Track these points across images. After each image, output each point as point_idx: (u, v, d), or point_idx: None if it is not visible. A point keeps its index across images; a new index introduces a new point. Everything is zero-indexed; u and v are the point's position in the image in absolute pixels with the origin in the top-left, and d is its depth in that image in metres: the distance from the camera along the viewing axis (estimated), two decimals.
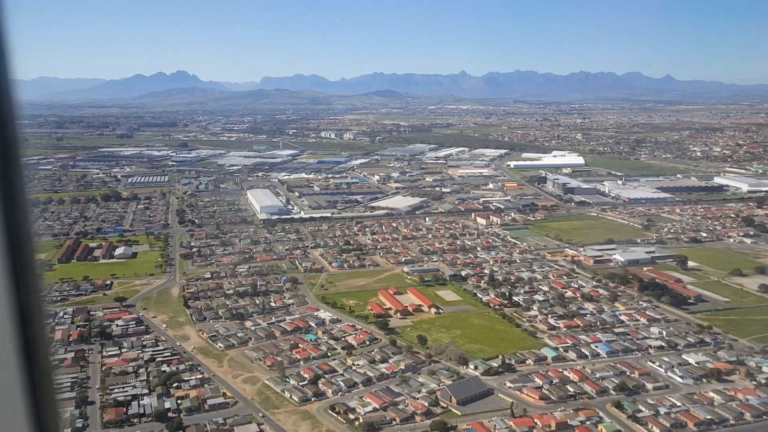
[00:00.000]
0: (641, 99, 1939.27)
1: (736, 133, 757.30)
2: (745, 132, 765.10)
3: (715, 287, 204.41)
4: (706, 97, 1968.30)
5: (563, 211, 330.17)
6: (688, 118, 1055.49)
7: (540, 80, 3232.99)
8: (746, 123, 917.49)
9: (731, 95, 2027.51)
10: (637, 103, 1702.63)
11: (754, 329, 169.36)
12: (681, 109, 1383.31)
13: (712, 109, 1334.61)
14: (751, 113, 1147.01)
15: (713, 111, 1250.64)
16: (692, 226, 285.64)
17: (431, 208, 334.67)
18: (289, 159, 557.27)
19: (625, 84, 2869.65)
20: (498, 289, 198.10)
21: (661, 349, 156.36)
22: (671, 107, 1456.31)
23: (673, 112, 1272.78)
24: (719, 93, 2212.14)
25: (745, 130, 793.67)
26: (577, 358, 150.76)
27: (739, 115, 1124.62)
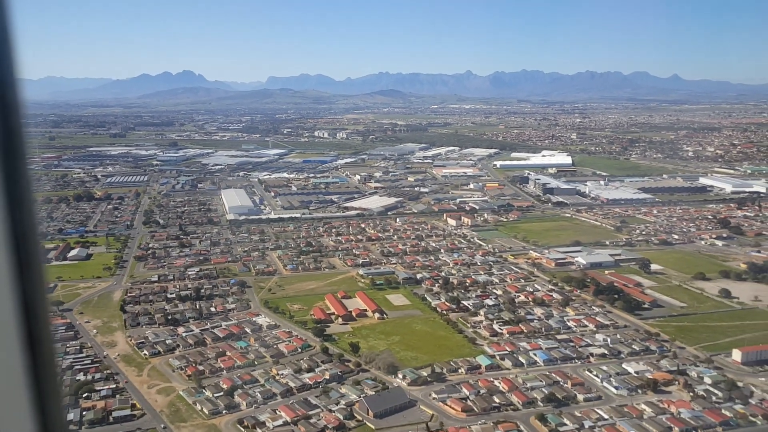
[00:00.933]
0: (647, 98, 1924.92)
1: (733, 132, 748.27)
2: (743, 132, 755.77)
3: (674, 292, 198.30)
4: (712, 96, 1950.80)
5: (538, 212, 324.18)
6: (688, 118, 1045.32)
7: (546, 80, 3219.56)
8: (747, 122, 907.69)
9: (738, 95, 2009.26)
10: (641, 102, 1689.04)
11: (704, 336, 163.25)
12: (685, 108, 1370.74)
13: (716, 108, 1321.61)
14: (755, 113, 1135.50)
15: (716, 110, 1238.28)
16: (666, 228, 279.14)
17: (405, 209, 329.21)
18: (275, 158, 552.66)
19: (632, 83, 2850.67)
20: (449, 293, 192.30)
21: (602, 357, 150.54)
22: (675, 107, 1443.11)
23: (675, 111, 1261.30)
24: (726, 93, 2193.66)
25: (744, 129, 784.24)
26: (513, 366, 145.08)
27: (742, 114, 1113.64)
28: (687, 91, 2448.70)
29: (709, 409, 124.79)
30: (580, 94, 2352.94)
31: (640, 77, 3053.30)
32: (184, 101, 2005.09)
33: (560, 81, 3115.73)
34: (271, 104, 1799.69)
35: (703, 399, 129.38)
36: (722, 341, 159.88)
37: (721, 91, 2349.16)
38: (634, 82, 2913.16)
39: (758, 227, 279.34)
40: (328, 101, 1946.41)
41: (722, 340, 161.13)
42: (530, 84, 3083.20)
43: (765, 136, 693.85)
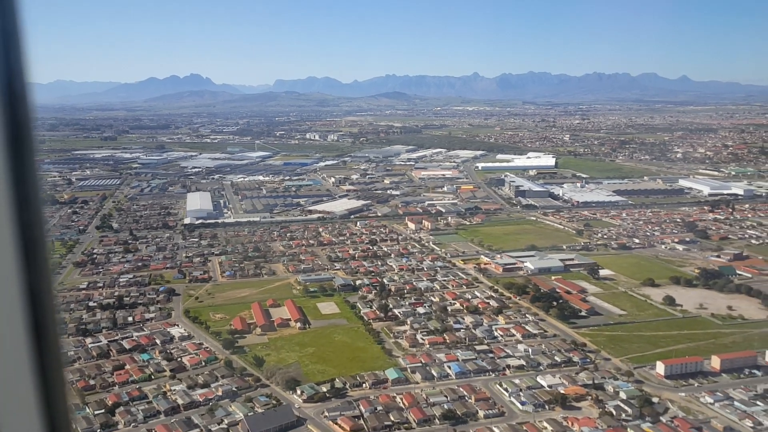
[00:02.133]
0: (654, 100, 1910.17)
1: (729, 133, 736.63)
2: (740, 133, 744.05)
3: (618, 298, 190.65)
4: (720, 97, 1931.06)
5: (505, 215, 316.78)
6: (689, 119, 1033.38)
7: (553, 81, 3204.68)
8: (747, 123, 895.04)
9: (746, 96, 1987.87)
10: (648, 104, 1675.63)
11: (634, 347, 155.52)
12: (689, 110, 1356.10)
13: (721, 109, 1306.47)
14: (758, 114, 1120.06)
15: (721, 112, 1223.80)
16: (629, 232, 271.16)
17: (370, 212, 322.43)
18: (258, 160, 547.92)
19: (640, 85, 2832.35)
20: (383, 301, 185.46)
21: (520, 369, 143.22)
22: (680, 108, 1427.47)
23: (679, 113, 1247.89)
24: (735, 94, 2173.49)
25: (741, 130, 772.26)
26: (423, 379, 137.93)
27: (746, 115, 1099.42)
28: (695, 92, 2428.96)
29: (613, 428, 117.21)
30: (587, 96, 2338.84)
31: (648, 78, 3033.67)
32: (189, 104, 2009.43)
33: (568, 82, 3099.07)
34: (275, 107, 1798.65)
35: (610, 416, 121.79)
36: (652, 352, 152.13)
37: (730, 92, 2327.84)
38: (642, 83, 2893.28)
39: (725, 231, 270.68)
40: (332, 104, 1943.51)
41: (652, 351, 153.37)
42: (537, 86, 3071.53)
43: (761, 137, 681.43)
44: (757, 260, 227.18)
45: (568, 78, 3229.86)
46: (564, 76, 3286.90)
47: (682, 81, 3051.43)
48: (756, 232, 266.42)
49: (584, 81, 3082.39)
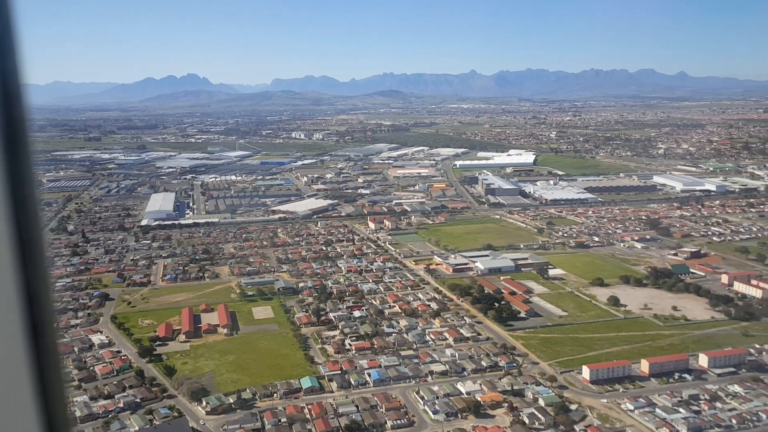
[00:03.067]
0: (651, 96, 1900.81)
1: (717, 129, 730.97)
2: (729, 128, 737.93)
3: (562, 299, 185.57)
4: (717, 93, 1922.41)
5: (470, 214, 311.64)
6: (680, 115, 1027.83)
7: (551, 78, 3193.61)
8: (737, 118, 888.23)
9: (744, 91, 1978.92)
10: (644, 100, 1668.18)
11: (567, 350, 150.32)
12: (684, 105, 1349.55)
13: (716, 105, 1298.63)
14: (752, 109, 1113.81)
15: (715, 107, 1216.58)
16: (591, 230, 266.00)
17: (335, 212, 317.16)
18: (236, 160, 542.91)
19: (637, 81, 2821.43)
20: (320, 305, 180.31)
21: (443, 375, 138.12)
22: (674, 104, 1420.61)
23: (672, 108, 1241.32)
24: (732, 89, 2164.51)
25: (729, 126, 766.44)
26: (339, 388, 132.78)
27: (739, 110, 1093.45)
28: (693, 88, 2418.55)
29: None
30: (584, 93, 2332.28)
31: (646, 75, 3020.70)
32: (184, 104, 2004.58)
33: (565, 79, 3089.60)
34: (270, 106, 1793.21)
35: (522, 425, 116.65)
36: (584, 355, 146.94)
37: (728, 87, 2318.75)
38: (639, 79, 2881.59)
39: (689, 228, 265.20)
40: (327, 102, 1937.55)
41: (585, 354, 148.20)
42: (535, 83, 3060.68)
43: (748, 132, 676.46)
44: (714, 258, 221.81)
45: (566, 75, 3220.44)
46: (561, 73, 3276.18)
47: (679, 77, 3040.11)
48: (720, 229, 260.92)
49: (582, 78, 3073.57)
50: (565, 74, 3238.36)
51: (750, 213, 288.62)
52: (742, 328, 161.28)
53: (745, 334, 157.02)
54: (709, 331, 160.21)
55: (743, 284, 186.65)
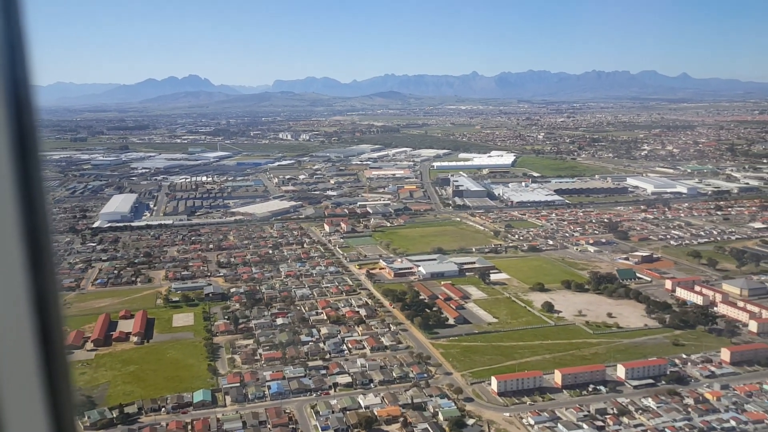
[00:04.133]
0: (652, 97, 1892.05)
1: (708, 130, 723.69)
2: (720, 129, 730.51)
3: (497, 305, 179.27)
4: (718, 95, 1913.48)
5: (432, 216, 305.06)
6: (675, 116, 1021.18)
7: (553, 80, 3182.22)
8: (731, 120, 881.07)
9: (745, 93, 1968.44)
10: (645, 101, 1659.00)
11: (486, 359, 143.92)
12: (682, 107, 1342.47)
13: (715, 106, 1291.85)
14: (750, 110, 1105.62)
15: (712, 109, 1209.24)
16: (548, 233, 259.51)
17: (296, 214, 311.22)
18: (213, 161, 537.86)
19: (639, 82, 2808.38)
20: (246, 311, 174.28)
21: (348, 387, 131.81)
22: (673, 105, 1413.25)
23: (670, 110, 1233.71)
24: (735, 90, 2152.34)
25: (720, 127, 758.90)
26: (233, 401, 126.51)
27: (737, 111, 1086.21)
28: (695, 89, 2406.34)
29: None
30: (586, 94, 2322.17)
31: (648, 76, 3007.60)
32: (183, 105, 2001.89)
33: (567, 81, 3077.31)
34: (268, 107, 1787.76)
35: None
36: (502, 365, 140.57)
37: (730, 89, 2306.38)
38: (641, 81, 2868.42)
39: (649, 231, 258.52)
40: (326, 104, 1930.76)
41: (504, 363, 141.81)
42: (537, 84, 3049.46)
43: (737, 134, 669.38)
44: (666, 262, 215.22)
45: (568, 76, 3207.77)
46: (563, 75, 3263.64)
47: (682, 78, 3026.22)
48: (679, 232, 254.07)
49: (583, 79, 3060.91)
50: (567, 75, 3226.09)
51: (715, 216, 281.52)
52: (673, 336, 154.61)
53: (675, 343, 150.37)
54: (639, 340, 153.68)
55: (685, 290, 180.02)
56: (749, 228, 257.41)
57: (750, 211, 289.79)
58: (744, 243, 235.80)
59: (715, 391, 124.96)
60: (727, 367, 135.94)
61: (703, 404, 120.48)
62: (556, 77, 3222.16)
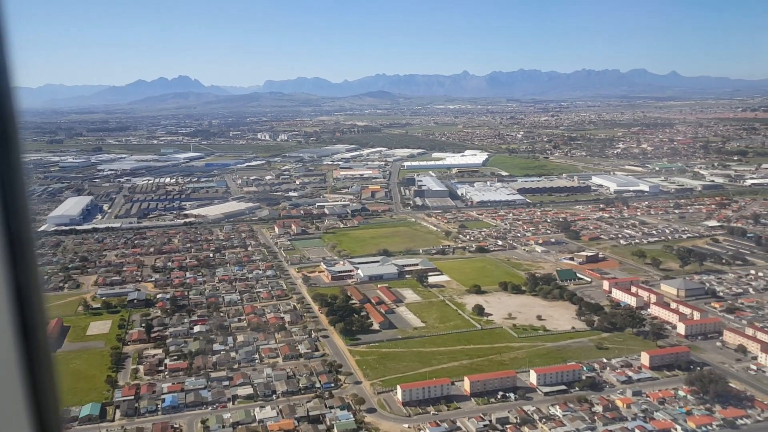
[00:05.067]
0: (641, 96, 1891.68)
1: (687, 128, 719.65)
2: (699, 127, 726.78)
3: (428, 309, 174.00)
4: (707, 93, 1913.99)
5: (388, 217, 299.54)
6: (659, 114, 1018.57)
7: (543, 79, 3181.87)
8: (713, 117, 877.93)
9: (733, 90, 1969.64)
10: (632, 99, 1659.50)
11: (401, 366, 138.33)
12: (668, 105, 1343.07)
13: (701, 104, 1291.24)
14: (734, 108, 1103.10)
15: (697, 106, 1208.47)
16: (500, 233, 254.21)
17: (252, 216, 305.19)
18: (184, 162, 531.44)
19: (629, 81, 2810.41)
20: (167, 318, 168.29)
21: (249, 398, 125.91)
22: (659, 103, 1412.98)
23: (656, 108, 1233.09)
24: (723, 88, 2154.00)
25: (700, 125, 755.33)
26: (123, 416, 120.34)
27: (721, 109, 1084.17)
28: (684, 87, 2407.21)
29: None
30: (575, 93, 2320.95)
31: (637, 75, 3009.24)
32: (170, 106, 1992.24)
33: (557, 80, 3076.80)
34: (256, 108, 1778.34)
35: None
36: (417, 372, 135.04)
37: (719, 87, 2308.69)
38: (631, 79, 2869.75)
39: (602, 230, 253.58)
40: (315, 104, 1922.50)
41: (420, 370, 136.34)
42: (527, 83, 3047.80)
43: (714, 131, 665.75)
44: (611, 262, 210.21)
45: (558, 75, 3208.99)
46: (554, 74, 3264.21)
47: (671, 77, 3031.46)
48: (632, 231, 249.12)
49: (573, 78, 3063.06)
50: (558, 75, 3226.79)
51: (672, 215, 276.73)
52: (600, 339, 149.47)
53: (598, 347, 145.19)
54: (563, 343, 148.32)
55: (621, 291, 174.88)
56: (703, 226, 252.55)
57: (708, 209, 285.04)
58: (694, 242, 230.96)
59: (627, 398, 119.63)
60: (646, 372, 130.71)
61: (611, 412, 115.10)
62: (546, 76, 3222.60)
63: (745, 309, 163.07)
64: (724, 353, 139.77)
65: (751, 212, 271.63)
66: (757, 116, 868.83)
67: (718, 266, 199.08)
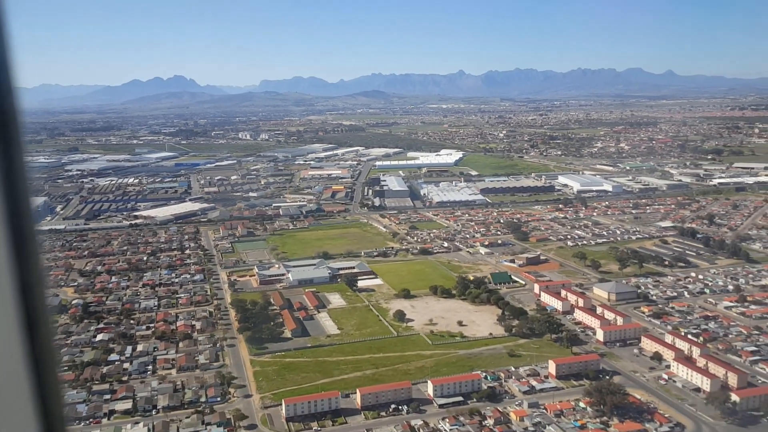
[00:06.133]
0: (636, 95, 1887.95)
1: (669, 127, 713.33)
2: (682, 126, 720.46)
3: (350, 315, 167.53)
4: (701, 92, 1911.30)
5: (341, 218, 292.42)
6: (647, 113, 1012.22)
7: (539, 78, 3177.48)
8: (699, 116, 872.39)
9: (728, 89, 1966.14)
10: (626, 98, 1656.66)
11: (299, 378, 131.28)
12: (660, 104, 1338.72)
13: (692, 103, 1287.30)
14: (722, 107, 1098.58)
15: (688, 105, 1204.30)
16: (449, 234, 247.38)
17: (202, 217, 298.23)
18: (154, 162, 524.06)
19: (624, 80, 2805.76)
20: (73, 326, 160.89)
21: (126, 414, 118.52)
22: (652, 102, 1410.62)
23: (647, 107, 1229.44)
24: (718, 87, 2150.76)
25: (683, 123, 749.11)
26: None
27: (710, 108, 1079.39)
28: (679, 86, 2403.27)
29: None
30: (571, 92, 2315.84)
31: (633, 74, 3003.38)
32: (163, 106, 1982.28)
33: (553, 79, 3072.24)
34: (249, 107, 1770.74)
35: None
36: (313, 383, 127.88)
37: (714, 86, 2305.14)
38: (627, 78, 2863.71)
39: (552, 231, 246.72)
40: (308, 103, 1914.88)
41: (317, 381, 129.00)
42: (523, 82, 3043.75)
43: (697, 130, 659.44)
44: (552, 264, 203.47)
45: (554, 74, 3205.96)
46: (550, 73, 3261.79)
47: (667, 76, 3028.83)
48: (582, 232, 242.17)
49: (569, 77, 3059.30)
50: (554, 74, 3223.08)
51: (629, 215, 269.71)
52: (515, 346, 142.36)
53: (511, 354, 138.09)
54: (476, 351, 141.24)
55: (549, 295, 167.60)
56: (656, 227, 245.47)
57: (667, 209, 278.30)
58: (642, 243, 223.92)
59: (521, 411, 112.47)
60: (551, 382, 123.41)
61: (501, 425, 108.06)
62: (542, 75, 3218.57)
63: (674, 314, 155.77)
64: (640, 361, 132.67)
65: (707, 213, 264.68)
66: (744, 115, 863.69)
67: (659, 269, 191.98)
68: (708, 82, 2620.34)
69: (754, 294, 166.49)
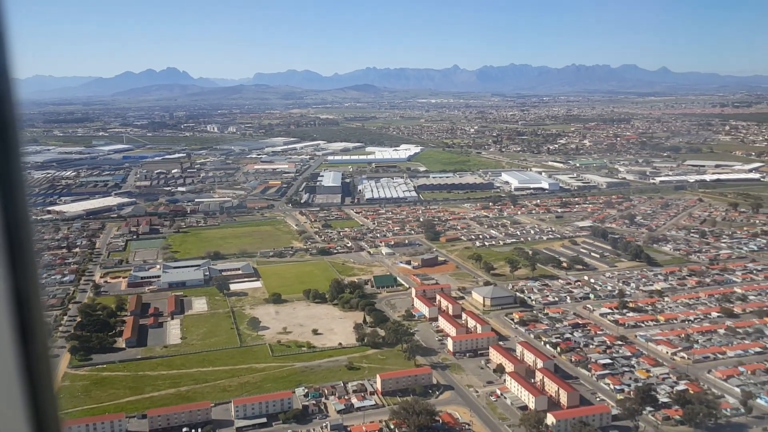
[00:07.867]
0: (627, 91, 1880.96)
1: (642, 123, 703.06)
2: (655, 122, 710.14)
3: (204, 322, 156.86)
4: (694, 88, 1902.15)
5: (260, 215, 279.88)
6: (628, 109, 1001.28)
7: (533, 73, 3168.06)
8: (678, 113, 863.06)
9: (720, 86, 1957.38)
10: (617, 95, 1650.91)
11: (106, 395, 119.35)
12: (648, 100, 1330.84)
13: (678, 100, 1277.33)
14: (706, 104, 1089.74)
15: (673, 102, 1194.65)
16: (360, 233, 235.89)
17: (116, 212, 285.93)
18: (104, 154, 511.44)
19: (619, 76, 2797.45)
20: None
21: None
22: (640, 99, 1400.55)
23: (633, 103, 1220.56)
24: (712, 84, 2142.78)
25: (657, 120, 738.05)
26: None
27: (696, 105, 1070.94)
28: (673, 83, 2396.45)
29: None
30: (564, 88, 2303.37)
31: (628, 70, 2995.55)
32: (152, 98, 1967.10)
33: (547, 75, 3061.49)
34: (237, 100, 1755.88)
35: None
36: (119, 401, 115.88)
37: (708, 83, 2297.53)
38: (621, 75, 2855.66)
39: (465, 231, 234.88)
40: (297, 96, 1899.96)
41: (126, 398, 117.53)
42: (518, 78, 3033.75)
43: (668, 127, 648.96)
44: (449, 266, 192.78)
45: (548, 70, 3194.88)
46: (544, 68, 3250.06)
47: (661, 72, 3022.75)
48: (496, 232, 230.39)
49: (564, 73, 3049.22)
50: (548, 69, 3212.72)
51: (553, 214, 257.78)
52: (360, 357, 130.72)
53: (349, 367, 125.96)
54: (316, 363, 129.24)
55: (421, 301, 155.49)
56: (573, 227, 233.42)
57: (593, 208, 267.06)
58: (551, 244, 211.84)
59: None
60: (371, 399, 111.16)
61: None
62: (537, 71, 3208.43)
63: (544, 321, 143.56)
64: (482, 374, 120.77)
65: (629, 212, 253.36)
66: (722, 112, 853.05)
67: (555, 271, 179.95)
68: (702, 79, 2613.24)
69: (637, 300, 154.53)
